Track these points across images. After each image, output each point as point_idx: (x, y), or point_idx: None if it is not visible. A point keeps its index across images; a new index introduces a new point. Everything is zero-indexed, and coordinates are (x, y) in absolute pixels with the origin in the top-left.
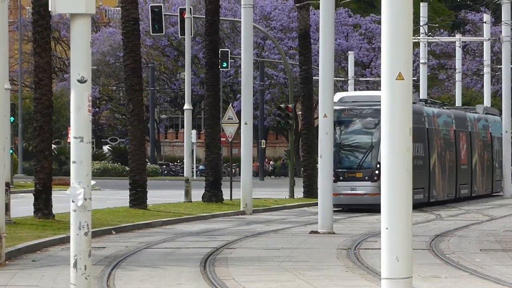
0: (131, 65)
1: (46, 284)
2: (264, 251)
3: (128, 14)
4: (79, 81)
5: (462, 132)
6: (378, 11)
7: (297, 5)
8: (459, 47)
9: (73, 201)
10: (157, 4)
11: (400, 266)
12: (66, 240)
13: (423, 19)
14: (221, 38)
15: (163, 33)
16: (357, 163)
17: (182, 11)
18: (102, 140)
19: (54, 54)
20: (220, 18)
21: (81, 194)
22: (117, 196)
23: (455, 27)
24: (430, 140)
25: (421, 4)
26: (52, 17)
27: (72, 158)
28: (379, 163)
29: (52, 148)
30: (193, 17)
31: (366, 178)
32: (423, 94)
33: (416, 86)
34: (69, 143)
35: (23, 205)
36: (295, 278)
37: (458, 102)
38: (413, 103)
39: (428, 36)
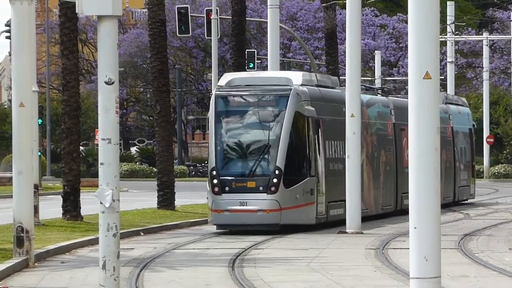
0: (158, 66)
1: (75, 285)
2: (292, 252)
3: (154, 15)
4: (106, 83)
5: (405, 126)
6: (405, 10)
7: (323, 5)
8: (487, 45)
9: (101, 203)
10: (183, 6)
11: (429, 265)
12: (95, 241)
13: (450, 18)
14: (248, 39)
15: (190, 35)
16: (248, 169)
17: (209, 12)
18: (130, 141)
19: (81, 56)
20: (247, 19)
21: (109, 196)
22: (145, 198)
23: (482, 25)
24: None
25: (448, 3)
26: (79, 19)
27: (100, 160)
28: (279, 169)
29: (80, 150)
30: (220, 18)
31: (261, 188)
32: (450, 93)
33: (443, 85)
34: (97, 145)
35: (51, 207)
36: (323, 278)
37: (486, 100)
38: (330, 87)
39: (455, 35)
